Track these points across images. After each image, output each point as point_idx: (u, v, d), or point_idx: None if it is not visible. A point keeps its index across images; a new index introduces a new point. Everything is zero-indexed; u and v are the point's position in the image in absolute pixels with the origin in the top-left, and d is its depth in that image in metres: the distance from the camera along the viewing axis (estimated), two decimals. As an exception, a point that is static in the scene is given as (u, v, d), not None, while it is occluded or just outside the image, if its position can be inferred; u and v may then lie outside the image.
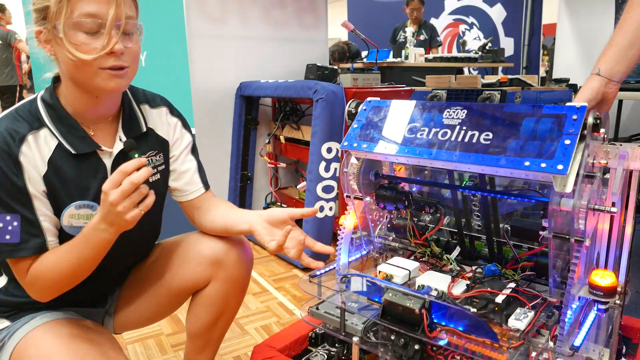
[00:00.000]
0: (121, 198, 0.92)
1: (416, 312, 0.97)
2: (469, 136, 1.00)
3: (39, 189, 1.00)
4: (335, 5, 3.94)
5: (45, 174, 1.01)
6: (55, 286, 1.03)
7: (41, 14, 0.96)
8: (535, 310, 1.02)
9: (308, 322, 1.26)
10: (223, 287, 1.22)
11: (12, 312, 1.12)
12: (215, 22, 2.93)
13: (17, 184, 0.97)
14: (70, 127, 1.05)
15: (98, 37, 0.95)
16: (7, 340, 1.08)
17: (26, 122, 1.01)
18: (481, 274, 1.15)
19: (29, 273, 1.01)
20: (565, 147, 0.87)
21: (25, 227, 0.98)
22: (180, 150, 1.24)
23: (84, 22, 0.93)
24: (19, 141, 0.98)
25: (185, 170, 1.24)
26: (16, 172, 0.97)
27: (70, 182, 1.04)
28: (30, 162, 0.99)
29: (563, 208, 0.89)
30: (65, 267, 1.00)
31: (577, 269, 0.90)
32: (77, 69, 0.97)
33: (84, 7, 0.93)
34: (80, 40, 0.94)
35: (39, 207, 1.00)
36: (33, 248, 0.99)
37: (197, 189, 1.25)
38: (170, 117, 1.23)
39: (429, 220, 1.34)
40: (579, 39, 4.89)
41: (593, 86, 1.08)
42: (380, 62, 3.84)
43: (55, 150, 1.02)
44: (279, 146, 3.01)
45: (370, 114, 1.20)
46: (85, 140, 1.05)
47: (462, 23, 6.30)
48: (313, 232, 2.41)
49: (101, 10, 0.94)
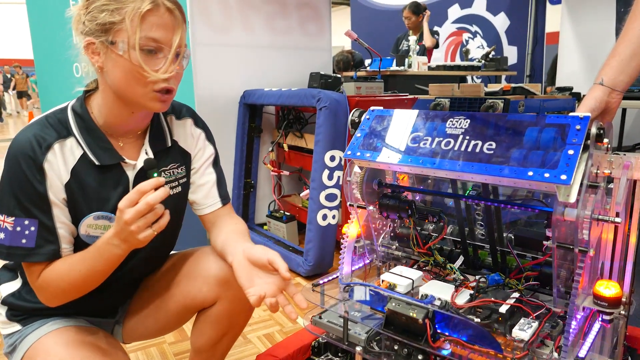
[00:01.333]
0: (136, 217, 0.93)
1: (419, 321, 0.96)
2: (472, 146, 1.00)
3: (60, 197, 1.02)
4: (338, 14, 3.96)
5: (68, 182, 1.03)
6: (64, 293, 1.04)
7: (101, 27, 0.98)
8: (539, 321, 1.01)
9: (311, 331, 1.25)
10: (229, 307, 1.21)
11: (24, 317, 1.13)
12: (219, 30, 2.95)
13: (39, 190, 0.99)
14: (97, 138, 1.06)
15: (155, 58, 0.99)
16: (18, 344, 1.10)
17: (54, 130, 1.03)
18: (485, 284, 1.14)
19: (41, 277, 1.02)
20: (568, 157, 0.87)
21: (41, 233, 1.00)
22: (201, 162, 1.24)
23: (148, 44, 0.97)
24: (45, 149, 1.00)
25: (204, 183, 1.24)
26: (39, 178, 0.99)
27: (91, 193, 1.05)
28: (54, 170, 1.01)
29: (567, 218, 0.88)
30: (75, 276, 1.01)
31: (581, 279, 0.90)
32: (129, 86, 1.00)
33: (152, 32, 0.97)
34: (139, 59, 0.97)
35: (58, 215, 1.02)
36: (47, 254, 1.00)
37: (214, 203, 1.25)
38: (194, 128, 1.24)
39: (432, 229, 1.34)
40: (582, 47, 4.89)
41: (596, 96, 1.08)
42: (384, 71, 3.86)
43: (79, 160, 1.04)
44: (282, 154, 3.02)
45: (374, 123, 1.20)
46: (110, 151, 1.07)
47: (465, 31, 6.32)
48: (316, 241, 2.41)
49: (166, 37, 0.99)
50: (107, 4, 0.97)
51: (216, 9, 2.93)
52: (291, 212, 3.01)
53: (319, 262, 2.43)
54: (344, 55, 4.56)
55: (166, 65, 0.99)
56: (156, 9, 0.97)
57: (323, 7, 3.36)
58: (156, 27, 0.97)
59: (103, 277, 1.04)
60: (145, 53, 0.98)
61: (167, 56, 1.00)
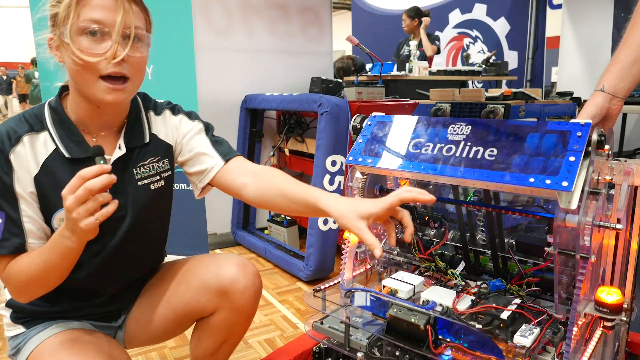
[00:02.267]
0: (75, 204, 0.88)
1: (421, 328, 0.96)
2: (474, 152, 1.00)
3: (27, 190, 1.02)
4: (339, 18, 3.97)
5: (37, 175, 1.02)
6: (25, 287, 1.03)
7: (52, 21, 0.99)
8: (540, 327, 1.01)
9: (312, 336, 1.25)
10: (228, 317, 1.20)
11: (28, 319, 1.14)
12: (221, 35, 2.96)
13: (5, 182, 0.99)
14: (69, 131, 1.06)
15: (101, 42, 0.97)
16: (22, 347, 1.10)
17: (28, 124, 1.04)
18: (486, 290, 1.14)
19: (5, 270, 1.02)
20: (570, 163, 0.87)
21: (7, 226, 1.00)
22: (188, 137, 1.20)
23: (89, 27, 0.95)
24: (14, 141, 1.01)
25: (195, 147, 1.19)
26: (6, 170, 0.99)
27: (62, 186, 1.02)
28: (22, 162, 1.01)
29: (568, 224, 0.89)
30: (33, 270, 1.00)
31: (582, 286, 0.90)
32: (79, 75, 0.99)
33: (90, 13, 0.95)
34: (84, 45, 0.96)
35: (24, 208, 1.02)
36: (11, 247, 1.00)
37: (216, 162, 1.17)
38: (172, 117, 1.21)
39: (433, 234, 1.34)
40: (582, 52, 4.90)
41: (597, 102, 1.08)
42: (385, 76, 3.87)
43: (51, 154, 1.04)
44: (284, 159, 3.03)
45: (375, 129, 1.20)
46: (82, 145, 1.06)
47: (466, 36, 6.34)
48: (317, 246, 2.41)
49: (107, 18, 0.96)
50: None
51: (218, 13, 2.94)
52: (292, 216, 3.01)
53: (320, 267, 2.43)
54: (345, 62, 4.57)
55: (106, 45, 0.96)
56: None
57: (324, 11, 3.38)
58: (94, 9, 0.95)
59: (61, 271, 1.01)
60: (89, 38, 0.95)
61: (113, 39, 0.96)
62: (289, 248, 2.78)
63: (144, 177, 1.14)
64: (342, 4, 12.09)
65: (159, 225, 1.26)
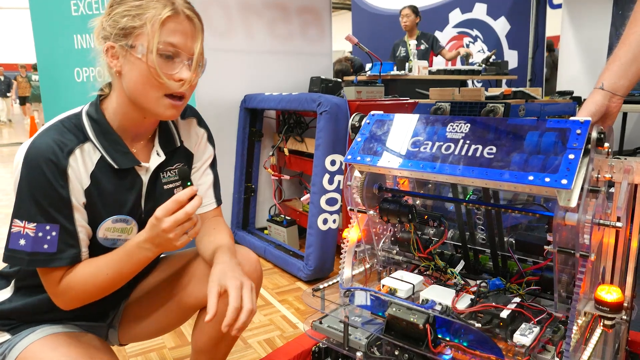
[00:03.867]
0: (174, 226, 0.97)
1: (420, 327, 0.96)
2: (473, 150, 1.00)
3: (80, 201, 1.03)
4: (339, 19, 3.97)
5: (88, 187, 1.04)
6: (87, 296, 1.06)
7: (123, 32, 1.00)
8: (540, 326, 1.00)
9: (311, 336, 1.25)
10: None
11: (14, 325, 1.13)
12: (220, 35, 2.96)
13: (62, 195, 1.00)
14: (113, 142, 1.08)
15: (172, 64, 1.02)
16: (7, 353, 1.09)
17: (73, 134, 1.04)
18: (486, 288, 1.14)
19: (63, 282, 1.02)
20: (569, 161, 0.87)
21: (63, 237, 1.00)
22: (201, 162, 1.27)
23: (166, 49, 1.00)
24: (67, 153, 1.01)
25: (202, 183, 1.27)
26: (62, 183, 0.99)
27: (108, 196, 1.07)
28: (76, 175, 1.02)
29: (568, 222, 0.88)
30: (102, 279, 1.03)
31: (582, 284, 0.90)
32: (144, 89, 1.02)
33: (171, 37, 1.00)
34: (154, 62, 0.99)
35: (78, 219, 1.03)
36: (69, 258, 1.01)
37: (209, 204, 1.28)
38: (198, 128, 1.27)
39: (432, 233, 1.34)
40: (582, 51, 4.90)
41: (597, 100, 1.07)
42: (384, 75, 3.86)
43: (97, 164, 1.06)
44: (283, 158, 3.02)
45: (374, 127, 1.20)
46: (127, 155, 1.09)
47: (466, 36, 6.33)
48: (317, 245, 2.41)
49: (185, 43, 1.02)
50: (129, 10, 1.00)
51: (218, 14, 2.94)
52: (292, 216, 3.01)
53: (320, 267, 2.43)
54: (343, 64, 4.56)
55: (183, 70, 1.02)
56: (176, 16, 1.00)
57: (324, 11, 3.37)
58: (175, 33, 1.01)
59: (128, 279, 1.07)
60: (163, 58, 1.00)
61: (183, 62, 1.02)
62: (289, 248, 2.78)
63: (169, 182, 1.19)
64: (341, 4, 12.08)
65: None
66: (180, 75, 1.02)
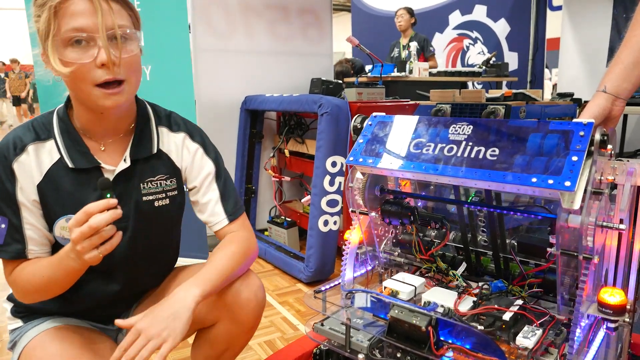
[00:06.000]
0: (80, 238, 0.90)
1: (422, 329, 0.96)
2: (475, 152, 0.99)
3: (30, 198, 1.03)
4: (339, 20, 3.97)
5: (40, 183, 1.03)
6: (29, 294, 1.06)
7: (40, 36, 0.96)
8: (543, 328, 1.00)
9: (313, 338, 1.25)
10: (230, 328, 1.18)
11: (27, 314, 1.15)
12: (221, 36, 2.96)
13: (8, 190, 1.01)
14: (75, 141, 1.06)
15: (88, 50, 0.94)
16: (18, 340, 1.11)
17: (35, 132, 1.05)
18: (488, 291, 1.13)
19: (11, 275, 1.05)
20: (572, 163, 0.87)
21: (10, 232, 1.02)
22: (201, 179, 1.19)
23: (73, 36, 0.93)
24: (19, 150, 1.02)
25: (207, 201, 1.19)
26: (10, 178, 1.01)
27: (65, 195, 1.05)
28: (25, 171, 1.02)
29: (571, 225, 0.88)
30: (38, 281, 1.02)
31: (585, 287, 0.89)
32: (74, 86, 0.98)
33: (71, 22, 0.92)
34: (72, 56, 0.93)
35: (26, 216, 1.03)
36: (12, 252, 1.03)
37: (220, 221, 1.19)
38: (190, 142, 1.19)
39: (434, 235, 1.33)
40: (582, 53, 4.90)
41: (599, 103, 1.07)
42: (385, 77, 3.86)
43: (55, 163, 1.05)
44: (284, 160, 3.02)
45: (376, 129, 1.20)
46: (86, 155, 1.06)
47: (466, 38, 6.33)
48: (317, 247, 2.40)
49: (89, 23, 0.93)
50: (35, 12, 0.95)
51: (218, 15, 2.94)
52: (292, 217, 3.00)
53: (320, 268, 2.42)
54: (344, 66, 4.55)
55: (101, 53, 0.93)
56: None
57: (324, 13, 3.37)
58: (75, 16, 0.92)
59: (64, 285, 1.04)
60: (75, 47, 0.93)
61: (97, 44, 0.93)
62: (289, 249, 2.77)
63: (150, 193, 1.13)
64: (341, 6, 12.09)
65: (163, 242, 1.24)
66: (100, 59, 0.93)
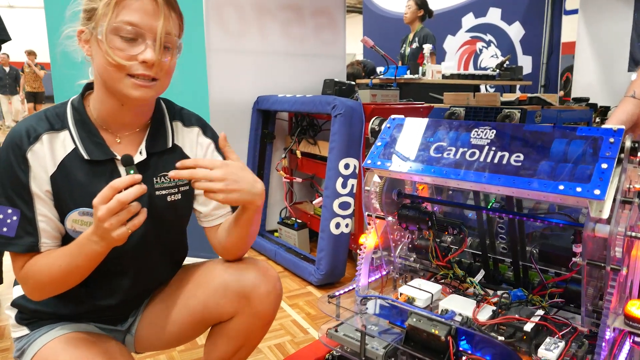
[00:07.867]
0: (108, 215, 0.89)
1: (442, 339, 0.93)
2: (499, 157, 0.97)
3: (43, 189, 1.01)
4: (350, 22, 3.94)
5: (53, 174, 1.02)
6: (44, 287, 1.03)
7: (87, 15, 0.99)
8: (565, 340, 0.97)
9: (325, 343, 1.22)
10: (248, 322, 1.17)
11: (32, 321, 1.12)
12: (234, 36, 2.95)
13: (21, 180, 0.99)
14: (90, 132, 1.05)
15: (134, 45, 0.97)
16: (26, 349, 1.09)
17: (49, 122, 1.04)
18: (507, 299, 1.10)
19: (23, 270, 1.02)
20: (602, 171, 0.84)
21: (22, 224, 1.00)
22: None
23: (124, 28, 0.96)
24: (33, 139, 1.00)
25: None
26: (23, 168, 0.99)
27: (77, 187, 1.03)
28: (39, 161, 1.00)
29: (599, 234, 0.85)
30: (56, 271, 0.99)
31: (612, 299, 0.86)
32: (107, 72, 0.99)
33: (128, 15, 0.96)
34: (117, 45, 0.96)
35: (39, 207, 1.01)
36: (25, 245, 1.00)
37: (226, 213, 1.20)
38: (202, 137, 1.20)
39: (451, 241, 1.31)
40: (598, 57, 4.83)
41: (628, 109, 1.04)
42: (398, 78, 3.83)
43: (70, 153, 1.04)
44: (295, 161, 3.00)
45: (394, 132, 1.17)
46: (101, 147, 1.05)
47: (479, 40, 6.28)
48: (329, 249, 2.38)
49: (144, 21, 0.97)
50: None
51: (232, 15, 2.92)
52: (303, 219, 2.98)
53: (331, 271, 2.40)
54: (355, 67, 4.49)
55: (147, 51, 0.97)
56: None
57: (338, 14, 3.35)
58: (134, 12, 0.96)
59: (84, 273, 1.01)
60: (123, 39, 0.96)
61: (146, 42, 0.97)
62: (300, 251, 2.75)
63: (163, 188, 1.13)
64: (353, 8, 12.07)
65: (174, 237, 1.23)
66: (144, 56, 0.97)
